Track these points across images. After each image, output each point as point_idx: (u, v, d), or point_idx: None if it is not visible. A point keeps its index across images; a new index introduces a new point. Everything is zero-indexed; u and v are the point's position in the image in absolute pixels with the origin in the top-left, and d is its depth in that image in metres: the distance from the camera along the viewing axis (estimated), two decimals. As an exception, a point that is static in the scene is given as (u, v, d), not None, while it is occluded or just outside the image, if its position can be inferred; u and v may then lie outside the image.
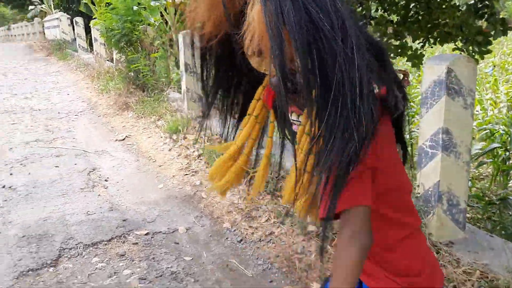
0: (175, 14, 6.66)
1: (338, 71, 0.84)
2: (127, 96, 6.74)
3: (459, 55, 2.91)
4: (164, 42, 6.93)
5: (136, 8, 6.57)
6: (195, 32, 1.09)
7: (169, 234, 3.10)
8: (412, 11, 4.72)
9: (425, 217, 2.47)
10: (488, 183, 4.10)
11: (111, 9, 6.78)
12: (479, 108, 5.99)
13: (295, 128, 1.06)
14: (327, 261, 2.44)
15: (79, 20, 12.26)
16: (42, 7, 18.09)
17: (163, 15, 7.06)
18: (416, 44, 4.94)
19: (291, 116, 1.05)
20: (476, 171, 4.42)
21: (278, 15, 0.84)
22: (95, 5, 10.09)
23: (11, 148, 5.07)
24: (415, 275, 1.09)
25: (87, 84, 8.79)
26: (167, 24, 7.04)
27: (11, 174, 4.28)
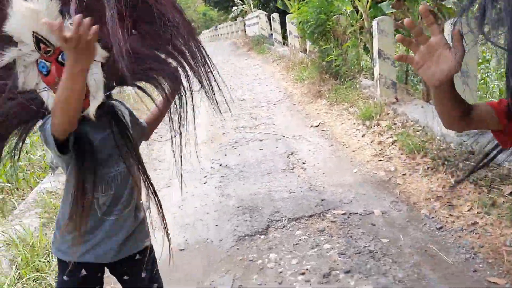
0: (367, 2, 6.64)
1: None
2: (320, 84, 7.06)
3: None
4: (355, 30, 7.00)
5: (330, -1, 6.80)
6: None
7: (365, 216, 3.22)
8: None
9: None
10: None
11: (305, 2, 7.17)
12: None
13: None
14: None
15: (276, 16, 13.23)
16: (243, 7, 20.09)
17: (354, 4, 7.12)
18: None
19: None
20: None
21: None
22: (290, 0, 10.77)
23: (224, 133, 5.90)
24: None
25: (283, 75, 9.49)
26: (357, 12, 7.08)
27: (226, 155, 5.01)
